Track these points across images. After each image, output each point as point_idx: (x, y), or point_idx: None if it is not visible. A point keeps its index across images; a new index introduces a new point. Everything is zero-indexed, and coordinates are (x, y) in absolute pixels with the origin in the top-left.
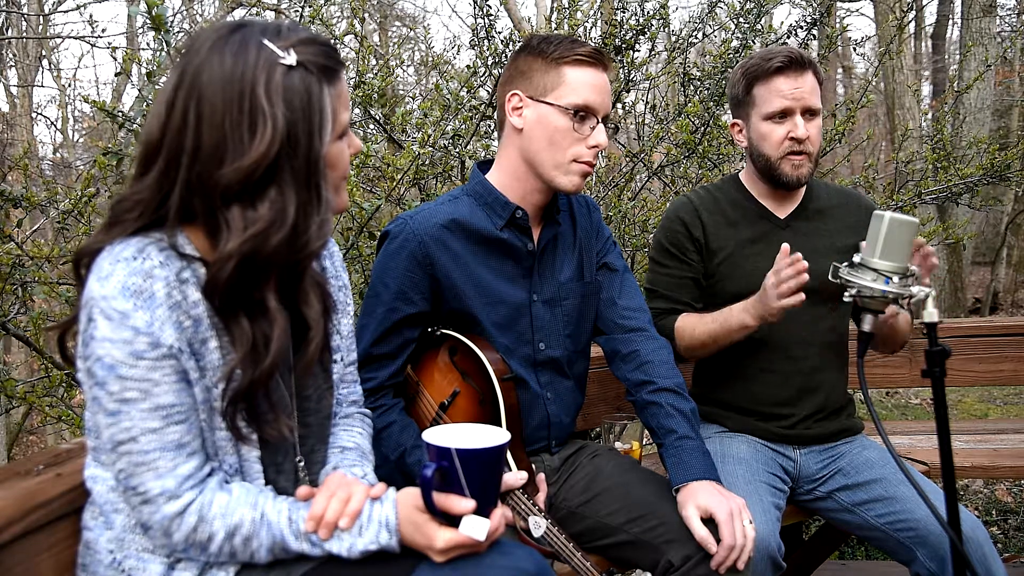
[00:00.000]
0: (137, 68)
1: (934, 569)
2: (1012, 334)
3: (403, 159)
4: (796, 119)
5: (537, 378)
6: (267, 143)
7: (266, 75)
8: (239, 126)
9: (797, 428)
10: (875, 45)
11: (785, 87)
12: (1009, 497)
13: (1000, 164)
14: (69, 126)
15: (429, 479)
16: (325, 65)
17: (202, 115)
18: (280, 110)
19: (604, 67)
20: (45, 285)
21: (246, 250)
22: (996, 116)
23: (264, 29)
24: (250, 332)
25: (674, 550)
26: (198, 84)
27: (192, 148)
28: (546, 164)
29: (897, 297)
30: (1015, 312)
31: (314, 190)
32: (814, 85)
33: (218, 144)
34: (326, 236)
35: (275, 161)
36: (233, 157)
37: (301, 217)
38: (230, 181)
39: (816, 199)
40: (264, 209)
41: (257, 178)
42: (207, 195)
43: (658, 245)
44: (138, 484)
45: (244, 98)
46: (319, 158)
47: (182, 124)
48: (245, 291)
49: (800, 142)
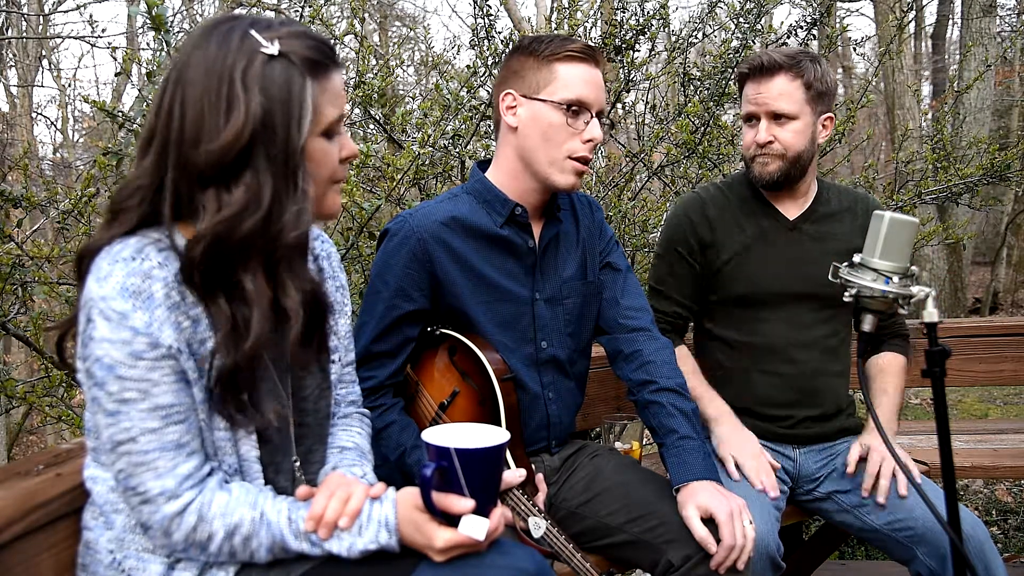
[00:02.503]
0: (137, 68)
1: (934, 567)
2: (1012, 334)
3: (403, 159)
4: (760, 124)
5: (539, 378)
6: (239, 127)
7: (245, 62)
8: (216, 110)
9: (796, 429)
10: (875, 45)
11: (750, 92)
12: (1009, 497)
13: (1000, 164)
14: (69, 126)
15: (428, 479)
16: (312, 59)
17: (185, 100)
18: (256, 97)
19: (596, 63)
20: (45, 285)
21: (219, 231)
22: (996, 116)
23: (255, 21)
24: (229, 313)
25: (674, 550)
26: (185, 71)
27: (177, 132)
28: (541, 161)
29: (897, 297)
30: (1015, 312)
31: (291, 178)
32: (784, 89)
33: (197, 127)
34: (303, 226)
35: (249, 146)
36: (209, 139)
37: (276, 203)
38: (205, 163)
39: (827, 202)
40: (239, 193)
41: (231, 161)
42: (188, 178)
43: (662, 239)
44: (138, 484)
45: (222, 83)
46: (296, 149)
47: (170, 109)
48: (222, 273)
49: (761, 146)
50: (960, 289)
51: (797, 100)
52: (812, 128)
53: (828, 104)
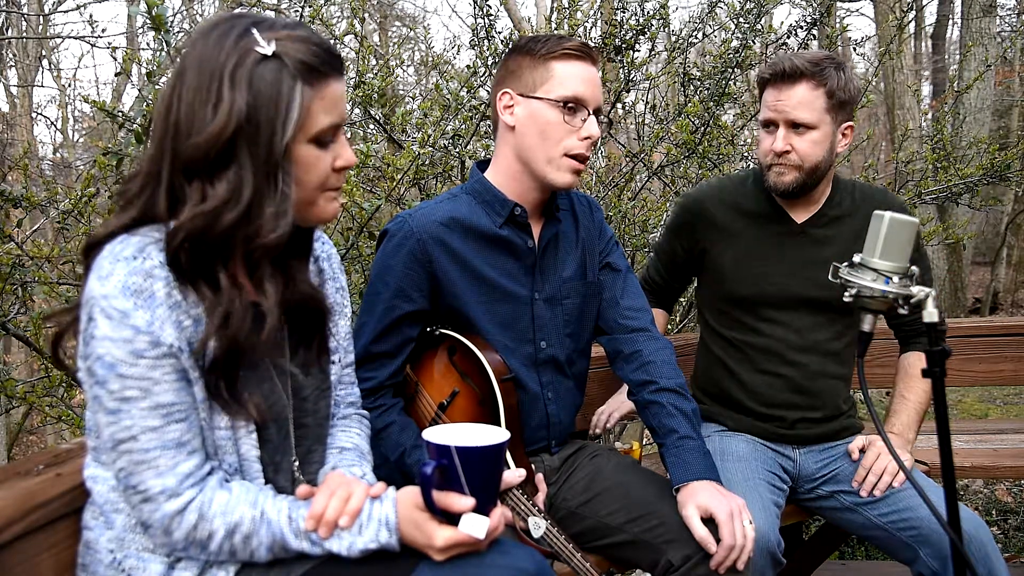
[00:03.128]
0: (137, 68)
1: (936, 568)
2: (1012, 334)
3: (403, 159)
4: (778, 132)
5: (538, 377)
6: (222, 122)
7: (237, 59)
8: (205, 104)
9: (796, 429)
10: (875, 45)
11: (770, 98)
12: (1009, 497)
13: (1000, 164)
14: (69, 126)
15: (429, 477)
16: (308, 64)
17: (182, 93)
18: (242, 94)
19: (592, 61)
20: (45, 285)
21: (198, 224)
22: (996, 116)
23: (257, 20)
24: (215, 301)
25: (674, 550)
26: (184, 65)
27: (173, 124)
28: (539, 159)
29: (897, 297)
30: (1015, 312)
31: (272, 179)
32: (805, 98)
33: (188, 120)
34: (283, 229)
35: (232, 141)
36: (196, 132)
37: (256, 201)
38: (192, 155)
39: (837, 205)
40: (221, 187)
41: (215, 156)
42: (178, 169)
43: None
44: (138, 483)
45: (213, 78)
46: (279, 149)
47: (169, 101)
48: (203, 266)
49: (778, 155)
50: (960, 289)
51: (817, 109)
52: (831, 138)
53: (849, 112)
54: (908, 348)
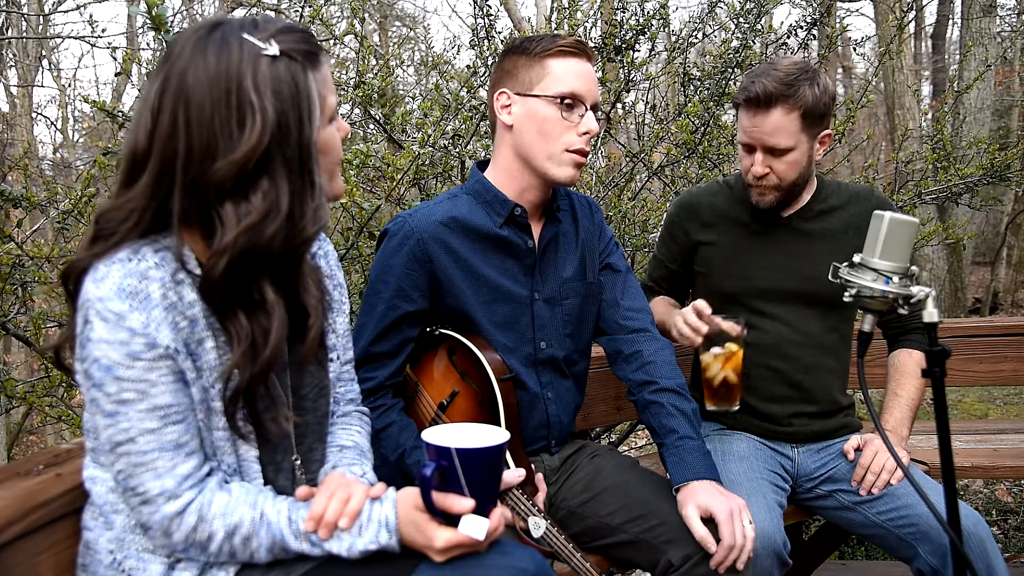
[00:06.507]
0: (137, 68)
1: (936, 565)
2: (1012, 334)
3: (403, 159)
4: (756, 155)
5: (538, 378)
6: (258, 135)
7: (252, 68)
8: (228, 122)
9: (793, 426)
10: (875, 45)
11: (746, 123)
12: (1009, 497)
13: (1000, 164)
14: (69, 126)
15: (428, 478)
16: (307, 51)
17: (191, 117)
18: (269, 101)
19: (587, 57)
20: (45, 285)
21: (242, 243)
22: (996, 116)
23: (242, 24)
24: (248, 328)
25: (674, 550)
26: (184, 87)
27: (185, 151)
28: (539, 156)
29: (897, 297)
30: (1015, 312)
31: (307, 176)
32: (780, 124)
33: (209, 143)
34: (322, 220)
35: (266, 152)
36: (224, 153)
37: (296, 205)
38: (223, 177)
39: (824, 199)
40: (257, 201)
41: (249, 171)
42: (202, 195)
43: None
44: (137, 484)
45: (231, 94)
46: (311, 145)
47: (172, 129)
48: (242, 286)
49: (758, 178)
50: (960, 289)
51: (793, 132)
52: (809, 152)
53: (826, 122)
54: (897, 346)
